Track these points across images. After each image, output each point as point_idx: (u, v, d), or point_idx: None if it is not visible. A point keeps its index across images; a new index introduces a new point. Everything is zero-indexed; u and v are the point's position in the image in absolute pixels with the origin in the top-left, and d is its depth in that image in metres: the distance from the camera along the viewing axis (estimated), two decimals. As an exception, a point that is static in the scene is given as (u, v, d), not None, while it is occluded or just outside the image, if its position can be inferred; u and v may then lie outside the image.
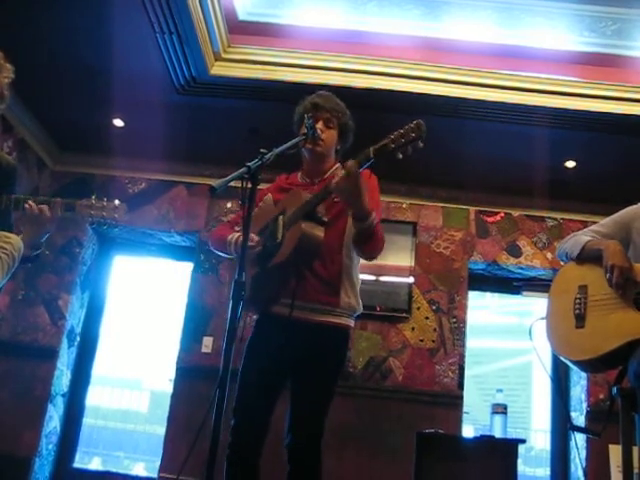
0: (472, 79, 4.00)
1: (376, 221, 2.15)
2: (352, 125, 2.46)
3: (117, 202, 2.31)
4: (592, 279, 2.34)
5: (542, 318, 2.45)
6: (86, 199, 2.29)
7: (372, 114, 4.08)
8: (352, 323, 2.31)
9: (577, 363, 2.32)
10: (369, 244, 2.20)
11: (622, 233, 2.43)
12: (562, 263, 2.56)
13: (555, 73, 4.00)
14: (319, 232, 2.17)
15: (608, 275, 2.24)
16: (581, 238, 2.46)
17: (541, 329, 2.45)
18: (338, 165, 2.42)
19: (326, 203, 2.22)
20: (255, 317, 2.39)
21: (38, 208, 2.16)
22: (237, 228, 2.39)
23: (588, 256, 2.39)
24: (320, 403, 2.20)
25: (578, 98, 3.98)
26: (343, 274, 2.27)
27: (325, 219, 2.19)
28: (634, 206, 2.49)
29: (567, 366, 4.57)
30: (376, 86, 3.99)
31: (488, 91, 3.99)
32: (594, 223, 2.60)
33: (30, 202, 2.18)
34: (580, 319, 2.29)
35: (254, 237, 2.22)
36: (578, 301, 2.33)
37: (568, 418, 4.73)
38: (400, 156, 1.92)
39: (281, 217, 2.26)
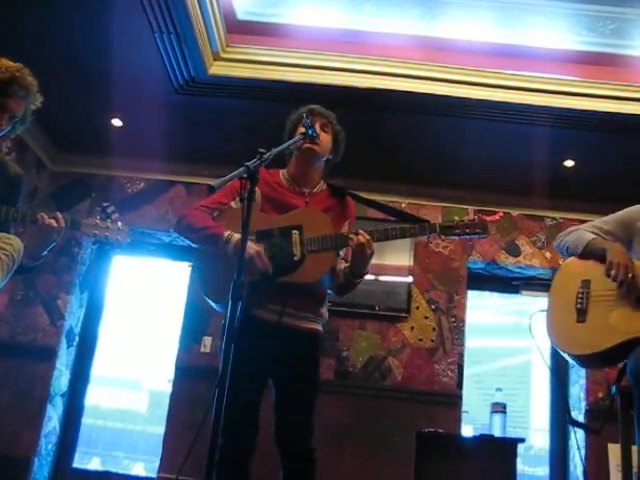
0: (470, 78, 3.99)
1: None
2: (344, 136, 2.49)
3: (120, 224, 2.33)
4: (596, 274, 2.32)
5: (542, 311, 2.44)
6: (91, 218, 2.31)
7: (371, 114, 4.09)
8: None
9: (575, 357, 2.32)
10: (347, 292, 2.44)
11: (624, 232, 2.42)
12: (561, 255, 2.55)
13: (553, 72, 4.00)
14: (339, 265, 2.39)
15: (613, 272, 2.23)
16: (584, 235, 2.44)
17: (541, 323, 2.44)
18: (323, 182, 2.49)
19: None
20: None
21: (49, 221, 2.17)
22: (215, 214, 2.35)
23: (591, 254, 2.39)
24: (312, 404, 2.30)
25: (576, 97, 3.97)
26: (326, 292, 2.45)
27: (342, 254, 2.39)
28: (637, 206, 2.47)
29: (567, 364, 4.59)
30: (375, 86, 3.98)
31: (486, 90, 3.99)
32: (593, 223, 2.58)
33: (42, 214, 2.19)
34: (582, 313, 2.28)
35: (264, 258, 2.21)
36: (580, 295, 2.31)
37: (567, 412, 4.70)
38: (457, 238, 2.42)
39: (295, 233, 2.25)
